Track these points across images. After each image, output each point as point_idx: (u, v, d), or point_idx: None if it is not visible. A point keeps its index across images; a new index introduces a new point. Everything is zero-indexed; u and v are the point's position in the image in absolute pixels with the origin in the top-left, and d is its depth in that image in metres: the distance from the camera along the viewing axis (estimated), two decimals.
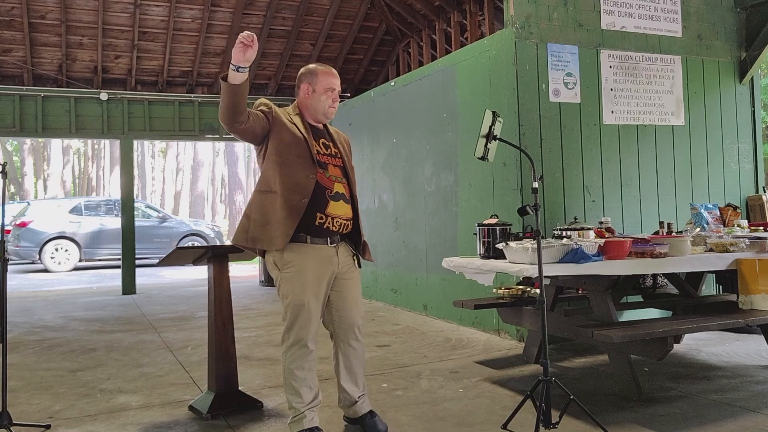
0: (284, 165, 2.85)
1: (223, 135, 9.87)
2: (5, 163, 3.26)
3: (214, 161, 33.68)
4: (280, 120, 2.91)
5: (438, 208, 6.25)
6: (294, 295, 2.88)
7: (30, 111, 8.73)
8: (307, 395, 2.92)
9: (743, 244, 3.97)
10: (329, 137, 3.08)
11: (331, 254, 2.94)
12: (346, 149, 3.14)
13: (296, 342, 2.89)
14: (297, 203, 2.82)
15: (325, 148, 3.01)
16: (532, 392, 3.08)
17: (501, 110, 4.62)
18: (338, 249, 2.98)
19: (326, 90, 2.98)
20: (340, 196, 2.95)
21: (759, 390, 3.71)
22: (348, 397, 3.10)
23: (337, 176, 2.97)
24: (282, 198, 2.82)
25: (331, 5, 9.12)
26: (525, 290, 4.45)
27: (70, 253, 13.57)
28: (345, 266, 3.02)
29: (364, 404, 3.14)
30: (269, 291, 9.18)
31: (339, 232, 2.96)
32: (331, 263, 2.94)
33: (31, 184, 30.48)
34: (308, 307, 2.86)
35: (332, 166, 2.98)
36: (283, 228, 2.80)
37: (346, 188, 3.00)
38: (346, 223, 2.98)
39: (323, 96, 2.98)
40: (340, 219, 2.94)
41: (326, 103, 2.99)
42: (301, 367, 2.90)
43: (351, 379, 3.09)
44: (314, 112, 3.01)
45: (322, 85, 2.98)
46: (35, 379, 4.39)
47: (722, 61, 6.05)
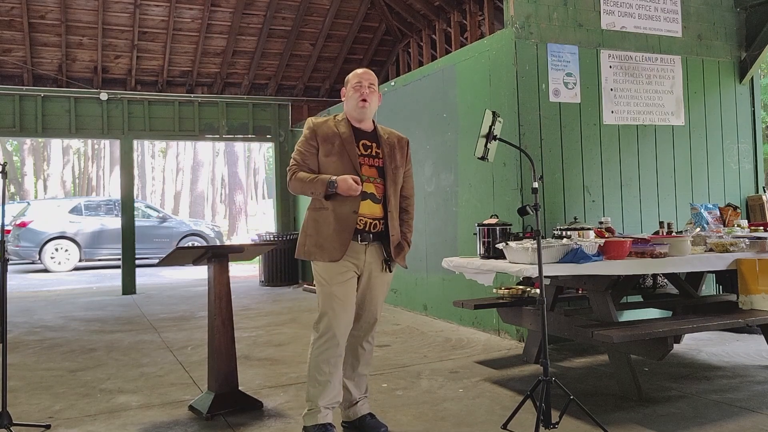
0: None
1: (223, 135, 9.87)
2: (5, 163, 3.26)
3: (214, 161, 33.68)
4: (323, 137, 3.04)
5: (438, 208, 6.25)
6: (326, 285, 2.99)
7: (30, 111, 8.73)
8: (329, 391, 2.97)
9: (743, 244, 3.97)
10: (374, 137, 3.13)
11: (358, 250, 3.00)
12: (395, 149, 3.15)
13: (325, 332, 2.96)
14: (348, 216, 2.95)
15: (365, 149, 3.07)
16: (532, 392, 3.08)
17: (501, 110, 4.62)
18: (368, 248, 3.03)
19: (354, 86, 3.08)
20: (368, 196, 3.00)
21: (759, 390, 3.71)
22: (348, 396, 3.13)
23: (370, 176, 3.03)
24: (334, 213, 2.96)
25: (331, 5, 9.12)
26: (525, 290, 4.45)
27: (70, 253, 13.56)
28: (372, 266, 3.06)
29: (364, 406, 3.16)
30: (269, 291, 9.18)
31: (367, 231, 3.01)
32: (357, 259, 3.00)
33: (31, 184, 30.48)
34: (336, 297, 2.95)
35: (367, 167, 3.04)
36: (339, 240, 2.94)
37: (377, 188, 3.04)
38: (373, 222, 3.02)
39: (351, 92, 3.09)
40: (366, 217, 3.00)
41: (354, 99, 3.07)
42: (327, 361, 2.96)
43: (354, 379, 3.13)
44: (351, 112, 3.11)
45: (351, 84, 3.11)
46: (35, 379, 4.39)
47: (722, 61, 6.05)
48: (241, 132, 9.97)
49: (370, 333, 3.15)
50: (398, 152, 3.16)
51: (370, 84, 3.09)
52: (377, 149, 3.10)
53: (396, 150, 3.15)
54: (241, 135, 10.02)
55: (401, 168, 3.15)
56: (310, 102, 10.28)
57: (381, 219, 3.05)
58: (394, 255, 3.09)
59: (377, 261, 3.08)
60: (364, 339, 3.13)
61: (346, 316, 2.99)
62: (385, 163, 3.08)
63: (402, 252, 3.14)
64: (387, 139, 3.15)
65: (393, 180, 3.09)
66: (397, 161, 3.13)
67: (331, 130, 3.06)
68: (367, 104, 3.07)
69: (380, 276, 3.10)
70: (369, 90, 3.08)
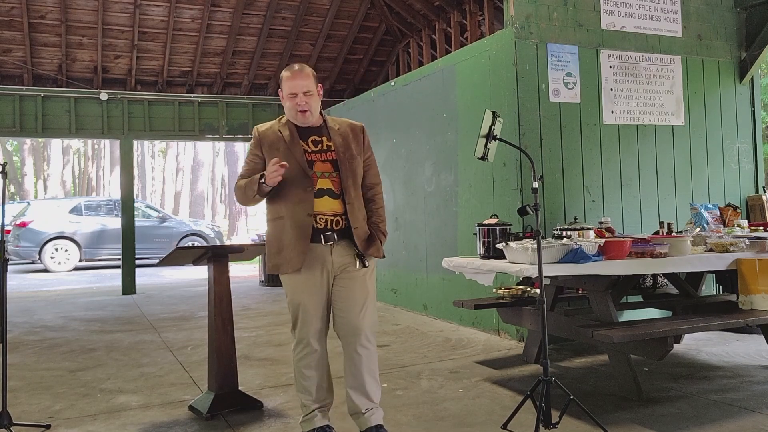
0: (284, 187, 2.86)
1: (223, 135, 9.87)
2: (5, 163, 3.26)
3: (214, 161, 33.68)
4: (267, 145, 2.95)
5: (438, 208, 6.25)
6: (290, 294, 2.94)
7: (30, 111, 8.73)
8: (317, 393, 2.94)
9: (743, 244, 3.97)
10: (323, 131, 2.99)
11: (324, 253, 2.88)
12: (348, 139, 3.00)
13: (300, 340, 2.93)
14: (303, 220, 2.84)
15: (315, 145, 2.95)
16: (532, 392, 3.08)
17: (501, 110, 4.62)
18: (334, 248, 2.89)
19: (289, 96, 2.92)
20: (325, 192, 2.88)
21: (759, 390, 3.71)
22: (353, 407, 2.96)
23: (324, 171, 2.90)
24: (290, 220, 2.86)
25: (331, 5, 9.12)
26: (525, 290, 4.45)
27: (70, 253, 13.56)
28: (343, 266, 2.92)
29: (373, 417, 2.95)
30: (269, 291, 9.18)
31: (329, 229, 2.87)
32: (324, 262, 2.88)
33: (31, 184, 30.48)
34: (304, 306, 2.88)
35: (320, 163, 2.91)
36: (297, 248, 2.84)
37: (334, 183, 2.90)
38: (335, 219, 2.89)
39: (288, 102, 2.93)
40: (325, 215, 2.87)
41: (292, 109, 2.92)
42: (308, 366, 2.92)
43: (357, 387, 2.93)
44: (290, 117, 2.98)
45: (285, 91, 2.94)
46: (35, 379, 4.39)
47: (722, 61, 6.05)
48: (241, 132, 9.97)
49: (362, 336, 2.91)
50: (353, 141, 3.00)
51: (305, 92, 2.90)
52: (328, 142, 2.96)
53: (350, 139, 2.99)
54: (241, 135, 10.01)
55: (358, 157, 2.98)
56: None
57: (342, 214, 2.90)
58: (363, 248, 2.91)
59: (348, 259, 2.92)
60: (357, 344, 2.91)
61: (317, 322, 2.90)
62: (339, 154, 2.92)
63: (374, 244, 2.96)
64: (338, 130, 3.00)
65: (350, 171, 2.92)
66: (353, 151, 2.97)
67: (275, 134, 2.95)
68: (308, 113, 2.93)
69: (356, 274, 2.92)
70: (306, 97, 2.90)
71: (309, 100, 2.92)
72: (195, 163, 29.44)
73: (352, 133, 3.04)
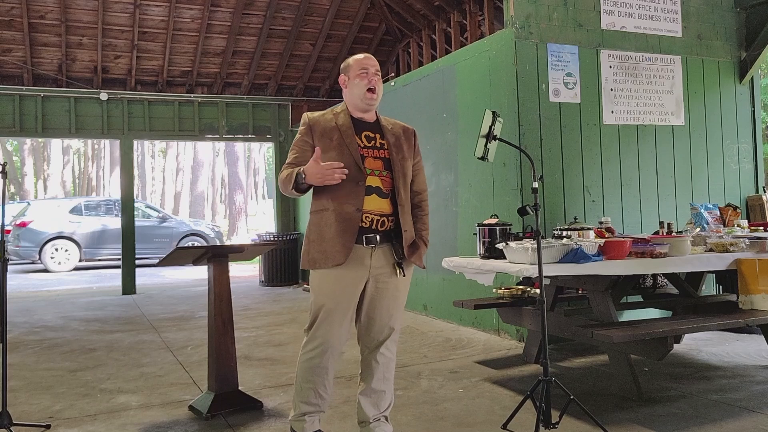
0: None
1: (223, 135, 9.87)
2: (5, 163, 3.26)
3: (214, 161, 33.67)
4: (319, 133, 2.79)
5: (438, 208, 6.25)
6: (316, 294, 2.77)
7: (30, 111, 8.73)
8: (314, 400, 2.80)
9: (743, 244, 3.97)
10: (377, 128, 2.88)
11: (363, 255, 2.72)
12: (401, 140, 2.89)
13: (311, 341, 2.77)
14: (352, 214, 2.68)
15: (368, 141, 2.82)
16: (532, 392, 3.07)
17: (501, 110, 4.62)
18: (374, 251, 2.74)
19: (359, 73, 2.80)
20: (374, 190, 2.73)
21: (759, 390, 3.71)
22: (362, 414, 2.85)
23: (375, 168, 2.76)
24: (335, 212, 2.70)
25: (331, 5, 9.12)
26: (525, 290, 4.45)
27: (70, 253, 13.56)
28: (380, 272, 2.76)
29: (379, 428, 2.83)
30: (269, 291, 9.18)
31: (373, 229, 2.73)
32: (361, 265, 2.72)
33: (31, 184, 30.48)
34: (327, 310, 2.72)
35: (371, 159, 2.77)
36: (341, 241, 2.68)
37: (384, 181, 2.77)
38: (381, 219, 2.74)
39: (356, 80, 2.80)
40: (372, 214, 2.72)
41: (361, 86, 2.79)
42: (312, 371, 2.77)
43: (370, 395, 2.84)
44: (355, 101, 2.83)
45: (355, 70, 2.82)
46: (35, 379, 4.39)
47: (722, 61, 6.05)
48: (241, 132, 9.97)
49: (384, 345, 2.82)
50: (405, 143, 2.89)
51: (377, 71, 2.82)
52: (381, 140, 2.84)
53: (402, 140, 2.88)
54: (241, 135, 10.02)
55: (409, 159, 2.87)
56: (310, 102, 10.27)
57: (390, 215, 2.76)
58: (408, 254, 2.77)
59: (387, 265, 2.77)
60: (377, 351, 2.82)
61: (341, 329, 2.75)
62: (392, 153, 2.80)
63: (417, 251, 2.82)
64: (391, 130, 2.90)
65: (401, 171, 2.80)
66: (405, 152, 2.86)
67: (329, 123, 2.80)
68: (376, 94, 2.81)
69: (392, 282, 2.79)
70: (376, 77, 2.80)
71: (378, 80, 2.83)
72: (195, 163, 29.44)
73: (404, 134, 2.94)
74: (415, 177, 2.93)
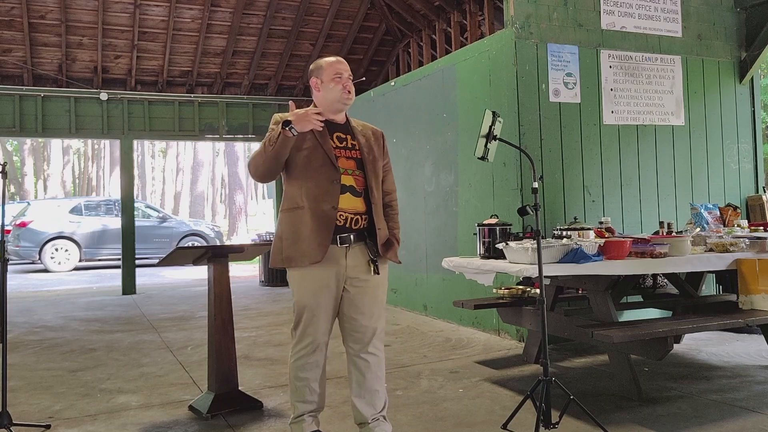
0: (308, 178, 2.76)
1: (223, 135, 9.87)
2: (5, 163, 3.26)
3: (214, 161, 33.68)
4: None
5: (438, 208, 6.25)
6: (297, 295, 2.81)
7: (30, 111, 8.73)
8: (309, 397, 2.85)
9: (743, 244, 3.97)
10: (348, 129, 2.95)
11: (338, 255, 2.76)
12: (371, 141, 2.96)
13: (299, 341, 2.82)
14: (328, 212, 2.73)
15: (340, 141, 2.88)
16: (532, 392, 3.07)
17: (501, 110, 4.62)
18: (348, 251, 2.78)
19: (333, 77, 2.87)
20: (347, 188, 2.79)
21: (759, 390, 3.71)
22: (359, 416, 2.85)
23: (348, 168, 2.83)
24: (311, 210, 2.74)
25: (331, 5, 9.12)
26: (525, 290, 4.45)
27: (70, 253, 13.56)
28: (356, 269, 2.81)
29: (378, 429, 2.82)
30: (269, 291, 9.18)
31: (348, 227, 2.78)
32: (337, 264, 2.76)
33: (31, 184, 30.49)
34: (310, 308, 2.77)
35: (344, 159, 2.84)
36: (318, 239, 2.71)
37: (357, 180, 2.83)
38: (354, 217, 2.80)
39: (331, 84, 2.86)
40: (346, 212, 2.77)
41: (336, 90, 2.85)
42: (303, 368, 2.82)
43: (364, 396, 2.84)
44: (329, 104, 2.88)
45: (328, 74, 2.88)
46: (35, 379, 4.39)
47: (722, 61, 6.05)
48: (241, 132, 9.97)
49: (371, 344, 2.85)
50: (374, 144, 2.97)
51: (350, 75, 2.90)
52: (353, 141, 2.91)
53: (372, 142, 2.96)
54: (241, 135, 10.02)
55: (380, 160, 2.96)
56: (310, 102, 10.25)
57: (363, 213, 2.82)
58: (383, 251, 2.83)
59: (361, 264, 2.81)
60: (362, 350, 2.85)
61: (325, 324, 2.80)
62: (363, 153, 2.87)
63: (392, 248, 2.89)
64: (361, 131, 2.97)
65: (373, 171, 2.88)
66: (375, 153, 2.94)
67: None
68: (352, 96, 2.88)
69: (370, 280, 2.83)
70: (349, 81, 2.88)
71: (351, 83, 2.89)
72: (195, 163, 29.44)
73: (373, 136, 3.01)
74: (384, 177, 3.01)
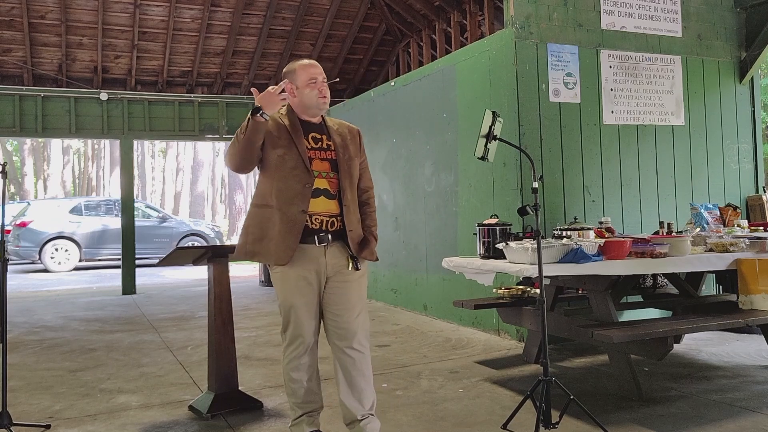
0: (280, 178, 2.77)
1: (223, 135, 9.87)
2: (5, 163, 3.26)
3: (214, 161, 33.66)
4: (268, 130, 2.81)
5: (438, 208, 6.25)
6: (282, 295, 2.83)
7: (30, 111, 8.73)
8: (307, 397, 2.86)
9: (743, 244, 3.97)
10: (323, 129, 2.94)
11: (317, 254, 2.78)
12: (346, 140, 2.96)
13: (290, 343, 2.83)
14: (296, 216, 2.74)
15: (315, 142, 2.87)
16: (532, 392, 3.07)
17: (501, 110, 4.62)
18: (327, 249, 2.80)
19: (308, 83, 2.85)
20: (321, 192, 2.80)
21: (759, 390, 3.71)
22: (348, 414, 2.83)
23: (322, 171, 2.83)
24: (280, 212, 2.75)
25: (331, 5, 9.12)
26: (525, 290, 4.45)
27: (70, 253, 13.56)
28: (336, 268, 2.83)
29: (369, 425, 2.81)
30: (269, 291, 9.18)
31: (323, 230, 2.79)
32: (317, 263, 2.78)
33: (31, 184, 30.49)
34: (295, 307, 2.78)
35: (318, 161, 2.83)
36: (285, 242, 2.73)
37: (331, 183, 2.84)
38: (330, 220, 2.81)
39: (306, 89, 2.85)
40: (321, 215, 2.79)
41: (313, 95, 2.85)
42: (296, 369, 2.82)
43: (352, 393, 2.82)
44: (305, 108, 2.88)
45: (303, 79, 2.86)
46: (35, 379, 4.39)
47: (722, 61, 6.05)
48: None
49: (356, 340, 2.83)
50: (350, 143, 2.96)
51: (324, 78, 2.90)
52: (328, 141, 2.90)
53: (348, 141, 2.95)
54: None
55: (356, 159, 2.95)
56: None
57: (338, 215, 2.83)
58: (357, 251, 2.85)
59: (342, 261, 2.84)
60: (349, 347, 2.82)
61: (312, 322, 2.82)
62: (338, 154, 2.87)
63: (368, 246, 2.90)
64: (337, 130, 2.96)
65: (348, 172, 2.87)
66: (351, 152, 2.93)
67: (275, 123, 2.83)
68: (327, 99, 2.89)
69: (351, 276, 2.86)
70: (324, 85, 2.88)
71: (325, 87, 2.89)
72: (195, 163, 29.44)
73: (349, 135, 3.00)
74: (361, 175, 3.01)
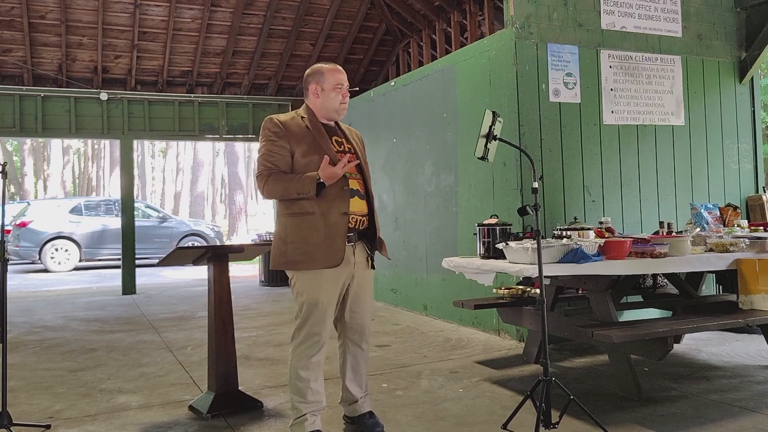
0: None
1: (223, 135, 9.87)
2: (5, 163, 3.26)
3: (214, 161, 33.69)
4: (294, 136, 2.89)
5: (438, 208, 6.25)
6: (307, 293, 2.85)
7: (30, 111, 8.73)
8: (311, 397, 2.89)
9: (743, 244, 3.97)
10: (341, 133, 3.07)
11: (348, 254, 2.89)
12: (359, 144, 3.12)
13: (304, 341, 2.88)
14: (338, 219, 2.82)
15: (338, 145, 2.98)
16: (532, 392, 3.07)
17: (501, 110, 4.62)
18: (355, 248, 2.94)
19: (335, 87, 2.97)
20: (355, 192, 2.91)
21: (759, 390, 3.71)
22: (351, 396, 3.10)
23: (351, 172, 2.93)
24: (323, 217, 2.81)
25: (331, 5, 9.12)
26: (525, 290, 4.45)
27: (70, 253, 13.57)
28: (360, 266, 2.98)
29: (365, 404, 3.12)
30: (269, 291, 9.18)
31: (355, 229, 2.91)
32: (348, 262, 2.89)
33: (31, 184, 30.49)
34: (322, 306, 2.85)
35: None
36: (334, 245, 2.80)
37: (360, 184, 2.96)
38: (361, 219, 2.94)
39: (332, 93, 2.96)
40: (356, 215, 2.91)
41: (336, 100, 2.97)
42: (305, 368, 2.88)
43: (356, 380, 3.09)
44: (326, 111, 2.99)
45: (330, 82, 2.97)
46: (35, 379, 4.39)
47: (722, 61, 6.05)
48: (241, 132, 9.97)
49: (366, 334, 3.09)
50: (360, 147, 3.12)
51: (348, 86, 3.04)
52: (348, 144, 3.04)
53: (359, 145, 3.11)
54: (241, 135, 10.02)
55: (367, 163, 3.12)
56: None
57: (366, 215, 2.97)
58: (380, 249, 3.06)
59: (363, 260, 3.00)
60: (362, 341, 3.07)
61: (331, 321, 2.94)
62: (359, 157, 3.02)
63: (383, 245, 3.11)
64: (350, 134, 3.12)
65: (368, 173, 3.06)
66: (365, 155, 3.10)
67: (299, 127, 2.92)
68: (347, 106, 3.04)
69: (367, 274, 3.03)
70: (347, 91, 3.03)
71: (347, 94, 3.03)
72: (195, 163, 29.44)
73: (359, 139, 3.17)
74: None
